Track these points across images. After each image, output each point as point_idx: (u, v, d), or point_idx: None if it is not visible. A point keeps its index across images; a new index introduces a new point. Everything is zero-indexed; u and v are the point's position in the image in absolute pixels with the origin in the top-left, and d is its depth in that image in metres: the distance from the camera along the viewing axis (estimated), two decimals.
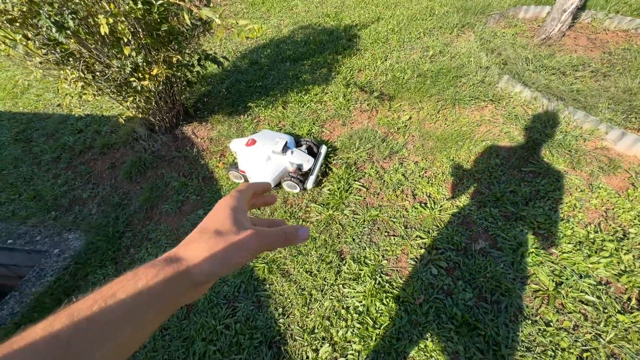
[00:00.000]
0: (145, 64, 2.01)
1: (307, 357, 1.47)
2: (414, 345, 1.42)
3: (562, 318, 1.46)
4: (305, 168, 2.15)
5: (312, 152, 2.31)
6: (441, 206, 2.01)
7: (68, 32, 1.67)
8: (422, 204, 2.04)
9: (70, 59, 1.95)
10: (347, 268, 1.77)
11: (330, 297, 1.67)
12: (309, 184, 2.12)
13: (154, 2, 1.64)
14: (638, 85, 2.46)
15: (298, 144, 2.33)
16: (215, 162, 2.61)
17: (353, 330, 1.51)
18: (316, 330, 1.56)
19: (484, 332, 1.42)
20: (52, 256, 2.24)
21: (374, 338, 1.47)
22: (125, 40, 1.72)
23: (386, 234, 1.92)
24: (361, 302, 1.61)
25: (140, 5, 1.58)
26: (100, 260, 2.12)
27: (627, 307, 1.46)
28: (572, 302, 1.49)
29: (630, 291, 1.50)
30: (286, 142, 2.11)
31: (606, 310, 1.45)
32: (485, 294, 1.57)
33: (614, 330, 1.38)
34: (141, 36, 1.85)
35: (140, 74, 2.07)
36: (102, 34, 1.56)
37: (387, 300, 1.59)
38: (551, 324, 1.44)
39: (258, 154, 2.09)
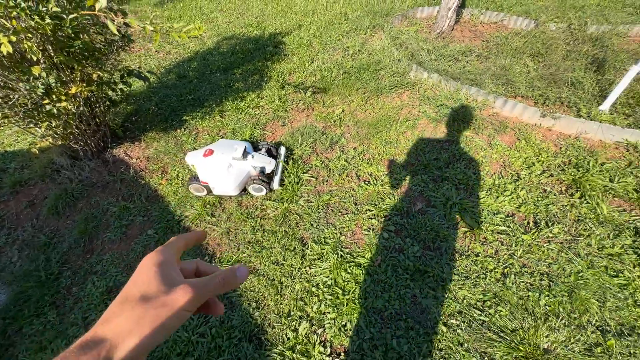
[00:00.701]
0: (59, 84, 1.86)
1: (288, 339, 1.55)
2: (379, 299, 1.61)
3: (486, 248, 1.80)
4: (268, 170, 2.21)
5: (272, 155, 2.39)
6: (382, 181, 2.27)
7: None
8: (366, 182, 2.28)
9: None
10: (310, 251, 1.89)
11: (300, 280, 1.77)
12: (275, 184, 2.20)
13: (65, 16, 1.54)
14: (509, 63, 3.11)
15: (256, 149, 2.38)
16: (157, 180, 2.50)
17: (326, 303, 1.64)
18: (292, 313, 1.64)
19: (432, 274, 1.68)
20: None
21: (345, 303, 1.61)
22: (35, 59, 1.57)
23: (340, 213, 2.09)
24: (328, 276, 1.74)
25: (49, 20, 1.48)
26: (35, 309, 1.86)
27: (527, 229, 1.88)
28: (491, 234, 1.86)
29: (528, 217, 1.94)
30: (245, 148, 2.15)
31: (514, 235, 1.84)
32: (429, 244, 1.84)
33: (522, 247, 1.77)
34: (52, 54, 1.71)
35: (55, 96, 1.90)
36: (5, 53, 1.42)
37: (351, 268, 1.76)
38: (479, 254, 1.77)
39: (218, 163, 2.08)
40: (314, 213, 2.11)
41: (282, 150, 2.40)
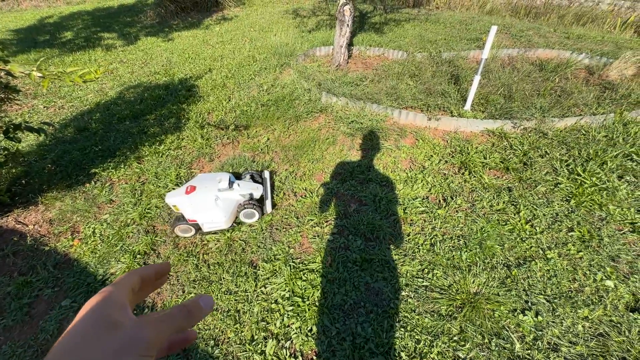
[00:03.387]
0: None
1: None
2: (337, 295, 1.68)
3: (414, 227, 2.10)
4: (257, 195, 2.16)
5: (256, 181, 2.34)
6: (318, 193, 2.44)
7: None
8: (303, 197, 2.41)
9: None
10: (262, 271, 1.88)
11: (257, 301, 1.72)
12: (268, 208, 2.17)
13: None
14: (396, 83, 3.83)
15: (239, 178, 2.32)
16: (67, 242, 2.14)
17: (288, 315, 1.63)
18: (255, 337, 1.57)
19: (377, 260, 1.86)
20: None
21: (307, 309, 1.63)
22: None
23: (284, 229, 2.15)
24: (285, 289, 1.75)
25: None
26: None
27: (440, 205, 2.27)
28: (415, 216, 2.17)
29: (438, 196, 2.34)
30: (230, 177, 2.08)
31: (432, 212, 2.20)
32: (369, 236, 2.04)
33: (439, 220, 2.12)
34: None
35: None
36: None
37: (305, 275, 1.80)
38: (410, 234, 2.05)
39: (204, 198, 1.95)
40: (258, 235, 2.11)
41: (267, 174, 2.38)
